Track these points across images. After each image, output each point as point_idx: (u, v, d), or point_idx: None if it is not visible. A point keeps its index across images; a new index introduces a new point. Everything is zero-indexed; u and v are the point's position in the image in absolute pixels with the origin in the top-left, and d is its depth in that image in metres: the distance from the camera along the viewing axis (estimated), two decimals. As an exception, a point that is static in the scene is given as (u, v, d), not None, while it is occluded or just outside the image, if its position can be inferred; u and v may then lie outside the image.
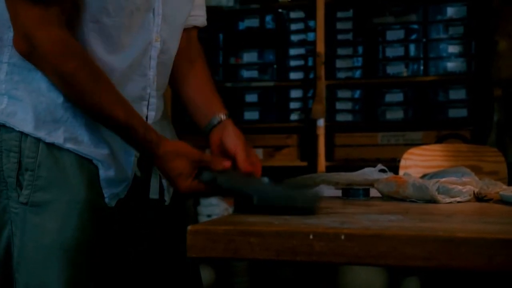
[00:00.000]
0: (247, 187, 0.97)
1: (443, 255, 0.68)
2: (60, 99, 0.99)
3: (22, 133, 0.98)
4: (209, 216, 3.00)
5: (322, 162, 2.83)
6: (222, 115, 1.15)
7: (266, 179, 1.04)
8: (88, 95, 0.97)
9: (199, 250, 0.76)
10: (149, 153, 1.01)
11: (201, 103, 1.17)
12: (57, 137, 0.99)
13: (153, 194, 1.11)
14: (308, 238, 0.72)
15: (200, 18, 1.23)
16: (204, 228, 0.77)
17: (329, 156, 2.87)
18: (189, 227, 0.77)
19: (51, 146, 0.99)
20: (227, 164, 1.02)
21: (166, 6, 1.06)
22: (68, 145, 0.99)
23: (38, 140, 0.98)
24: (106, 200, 1.03)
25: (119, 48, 1.02)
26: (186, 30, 1.20)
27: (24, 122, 0.98)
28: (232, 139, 1.11)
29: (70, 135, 1.00)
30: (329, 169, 2.78)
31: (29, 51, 0.95)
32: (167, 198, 1.15)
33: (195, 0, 1.19)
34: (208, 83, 1.20)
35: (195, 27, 1.23)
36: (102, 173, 1.02)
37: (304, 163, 2.91)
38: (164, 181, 1.13)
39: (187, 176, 1.00)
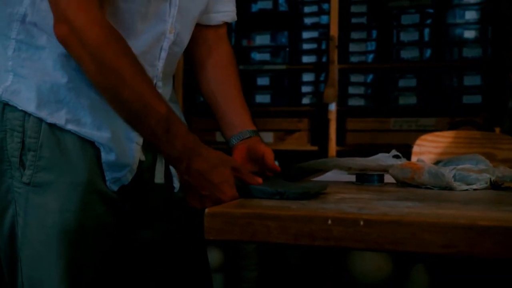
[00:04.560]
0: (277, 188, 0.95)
1: (463, 242, 0.68)
2: (64, 79, 0.98)
3: (25, 112, 0.97)
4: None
5: (333, 147, 2.83)
6: (252, 132, 1.15)
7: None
8: (128, 85, 0.92)
9: (217, 232, 0.75)
10: (188, 152, 0.96)
11: (232, 114, 1.17)
12: (59, 118, 0.98)
13: (158, 179, 1.11)
14: (327, 223, 0.72)
15: (231, 13, 1.21)
16: (222, 211, 0.77)
17: (340, 141, 2.86)
18: (206, 210, 0.76)
19: (53, 126, 0.98)
20: (260, 180, 0.98)
21: None
22: (70, 127, 0.98)
23: (40, 120, 0.97)
24: (108, 183, 1.02)
25: (132, 35, 1.00)
26: (215, 27, 1.19)
27: (27, 101, 0.97)
28: (262, 146, 1.12)
29: (73, 116, 0.98)
30: (340, 154, 2.77)
31: (68, 35, 0.91)
32: (176, 184, 1.14)
33: None
34: (240, 95, 1.19)
35: (225, 23, 1.22)
36: (104, 156, 1.01)
37: (315, 148, 2.91)
38: (172, 167, 1.12)
39: (232, 184, 0.96)
